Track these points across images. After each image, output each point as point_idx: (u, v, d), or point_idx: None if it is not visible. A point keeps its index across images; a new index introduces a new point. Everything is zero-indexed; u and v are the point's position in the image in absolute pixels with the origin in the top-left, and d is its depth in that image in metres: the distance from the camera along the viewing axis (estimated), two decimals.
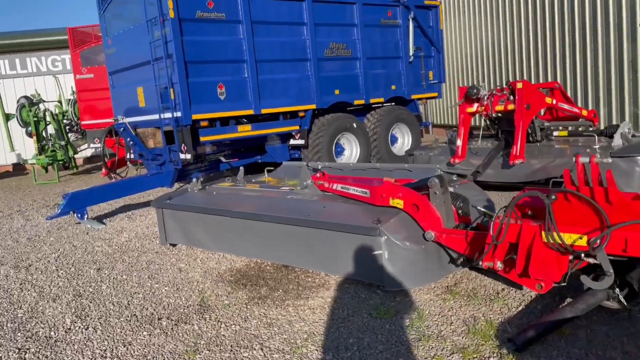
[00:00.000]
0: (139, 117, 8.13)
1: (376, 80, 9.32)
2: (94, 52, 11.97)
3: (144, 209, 7.95)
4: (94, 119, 12.14)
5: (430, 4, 9.95)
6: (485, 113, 6.66)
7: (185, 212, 5.37)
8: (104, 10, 8.44)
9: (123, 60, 8.25)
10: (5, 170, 16.67)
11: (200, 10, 7.16)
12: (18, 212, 8.76)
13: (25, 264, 5.47)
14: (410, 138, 9.82)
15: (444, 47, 10.59)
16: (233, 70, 7.64)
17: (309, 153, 8.46)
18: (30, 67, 17.02)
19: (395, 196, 3.92)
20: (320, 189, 4.90)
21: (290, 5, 8.17)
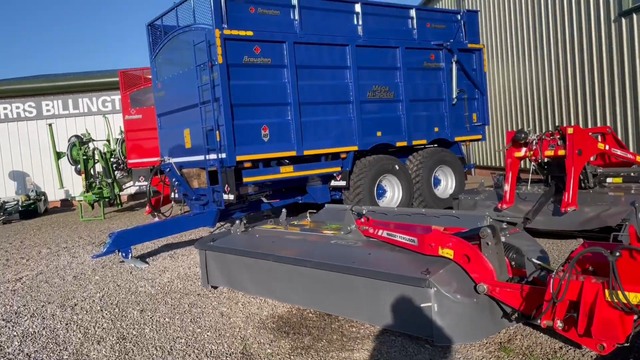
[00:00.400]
0: (184, 157, 8.30)
1: (419, 122, 9.28)
2: (142, 93, 12.43)
3: (185, 248, 8.01)
4: (140, 158, 12.49)
5: (474, 47, 9.94)
6: (534, 158, 6.48)
7: (227, 254, 5.36)
8: (156, 56, 8.78)
9: (171, 102, 8.51)
10: (54, 206, 17.25)
11: (247, 56, 7.36)
12: (65, 248, 8.98)
13: (71, 302, 5.54)
14: (453, 181, 9.66)
15: (487, 90, 10.49)
16: (277, 112, 7.75)
17: (350, 194, 8.41)
18: (81, 107, 17.80)
19: (445, 246, 3.80)
20: (364, 235, 4.82)
21: (334, 50, 8.30)
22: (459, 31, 9.81)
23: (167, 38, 8.41)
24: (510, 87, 14.17)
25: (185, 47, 7.91)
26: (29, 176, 17.51)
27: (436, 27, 9.53)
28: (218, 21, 7.12)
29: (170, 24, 8.32)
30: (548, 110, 12.44)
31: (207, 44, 7.18)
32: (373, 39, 8.65)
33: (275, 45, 7.66)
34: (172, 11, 8.14)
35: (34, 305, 5.56)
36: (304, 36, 7.91)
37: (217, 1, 7.11)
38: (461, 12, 10.02)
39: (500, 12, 14.45)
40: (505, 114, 14.57)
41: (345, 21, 8.49)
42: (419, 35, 9.24)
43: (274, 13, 7.74)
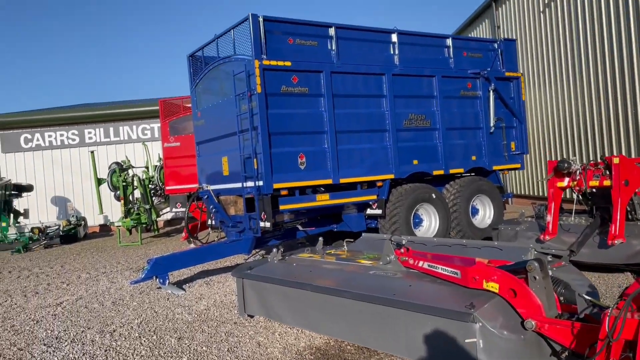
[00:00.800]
0: (222, 185, 8.41)
1: (456, 151, 9.18)
2: (181, 122, 12.74)
3: (221, 275, 8.04)
4: (178, 185, 12.73)
5: (512, 76, 9.84)
6: (578, 188, 6.30)
7: (264, 283, 5.34)
8: (196, 85, 9.01)
9: (210, 131, 8.67)
10: (93, 231, 17.67)
11: (285, 85, 7.46)
12: (103, 273, 9.13)
13: (109, 328, 5.60)
14: (492, 210, 9.46)
15: (526, 118, 10.33)
16: (313, 140, 7.79)
17: (386, 223, 8.32)
18: (122, 134, 18.35)
19: (490, 279, 3.69)
20: (404, 266, 4.73)
21: (370, 79, 8.34)
22: (496, 59, 9.75)
23: (207, 68, 8.62)
24: (550, 115, 13.93)
25: (225, 77, 8.09)
26: (70, 201, 18.04)
27: (473, 56, 9.50)
28: (257, 52, 7.27)
29: (211, 54, 8.54)
30: (589, 139, 12.14)
31: (246, 74, 7.33)
32: (409, 67, 8.67)
33: (313, 74, 7.76)
34: (212, 42, 8.36)
35: (74, 330, 5.63)
36: (340, 66, 7.99)
37: (256, 33, 7.27)
38: (498, 41, 9.97)
39: (538, 40, 14.33)
40: (545, 142, 14.29)
41: (382, 50, 8.55)
42: (455, 63, 9.22)
43: (312, 44, 7.86)
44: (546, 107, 14.10)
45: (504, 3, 16.22)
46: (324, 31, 7.98)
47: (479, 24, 18.47)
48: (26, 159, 18.02)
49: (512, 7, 15.66)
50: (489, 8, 17.29)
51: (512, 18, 15.66)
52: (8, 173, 17.40)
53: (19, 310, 6.83)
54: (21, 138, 18.02)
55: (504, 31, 16.23)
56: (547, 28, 13.79)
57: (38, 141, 18.08)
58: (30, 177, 17.55)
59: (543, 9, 13.87)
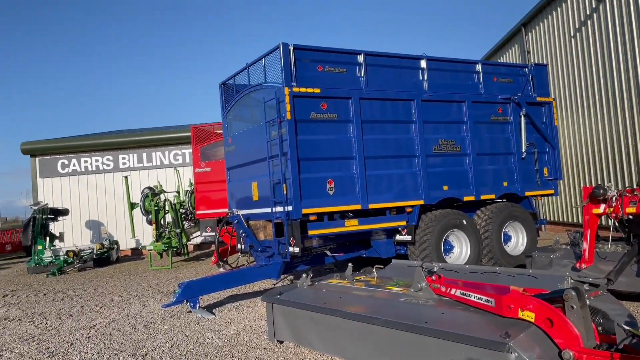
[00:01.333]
0: (251, 209, 8.49)
1: (486, 176, 9.08)
2: (212, 148, 12.99)
3: (250, 300, 8.06)
4: (208, 209, 12.90)
5: (543, 101, 9.75)
6: (615, 215, 6.14)
7: (294, 308, 5.33)
8: (227, 112, 9.20)
9: (241, 157, 8.81)
10: (125, 254, 17.97)
11: (314, 112, 7.56)
12: (135, 297, 9.25)
13: (142, 352, 5.65)
14: (525, 237, 9.27)
15: (559, 143, 10.17)
16: (342, 166, 7.83)
17: (416, 250, 8.24)
18: (155, 160, 18.79)
19: (526, 308, 3.61)
20: (436, 293, 4.66)
21: (399, 105, 8.38)
22: (527, 85, 9.69)
23: (238, 96, 8.81)
24: (584, 140, 13.69)
25: (255, 104, 8.25)
26: (103, 225, 18.44)
27: (503, 81, 9.46)
28: (288, 80, 7.41)
29: (242, 82, 8.74)
30: (624, 164, 11.86)
31: (276, 101, 7.47)
32: (438, 93, 8.68)
33: (342, 101, 7.84)
34: (244, 71, 8.56)
35: (107, 353, 5.71)
36: (369, 92, 8.06)
37: (287, 61, 7.42)
38: (528, 66, 9.92)
39: (569, 64, 14.19)
40: (579, 168, 14.02)
41: (411, 76, 8.60)
42: (485, 89, 9.20)
43: (341, 71, 7.97)
44: (580, 132, 13.87)
45: (533, 28, 16.17)
46: (352, 58, 8.09)
47: (508, 48, 18.42)
48: (62, 183, 18.57)
49: (542, 32, 15.59)
50: (518, 33, 17.25)
51: (543, 43, 15.58)
52: (45, 197, 17.95)
53: (53, 332, 6.96)
54: (58, 163, 18.60)
55: (534, 56, 16.14)
56: (578, 52, 13.65)
57: (74, 166, 18.64)
58: (66, 201, 18.05)
59: (574, 33, 13.77)
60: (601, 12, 12.38)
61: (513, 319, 3.69)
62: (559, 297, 3.50)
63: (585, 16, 13.11)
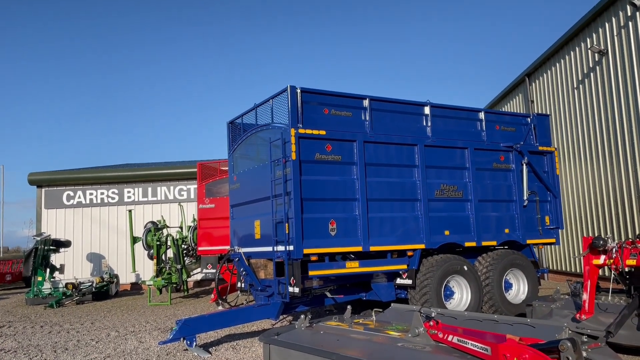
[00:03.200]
0: (253, 248, 8.52)
1: (488, 223, 9.11)
2: (216, 184, 13.11)
3: (247, 340, 7.98)
4: (210, 246, 12.92)
5: (545, 150, 9.88)
6: (615, 267, 6.13)
7: (291, 350, 5.29)
8: (234, 150, 9.36)
9: (245, 194, 8.90)
10: (124, 288, 17.87)
11: (319, 153, 7.70)
12: (132, 332, 9.18)
13: None
14: (526, 285, 9.22)
15: (561, 193, 10.23)
16: (345, 207, 7.90)
17: (416, 294, 8.19)
18: (159, 194, 18.92)
19: (521, 357, 3.60)
20: (433, 339, 4.65)
21: (403, 149, 8.51)
22: (529, 134, 9.84)
23: (245, 135, 8.98)
24: (586, 190, 13.74)
25: (261, 144, 8.40)
26: (104, 258, 18.41)
27: (506, 130, 9.63)
28: (294, 121, 7.57)
29: (249, 122, 8.93)
30: (627, 215, 11.87)
31: (282, 141, 7.61)
32: (442, 139, 8.83)
33: (346, 143, 7.98)
34: (252, 111, 8.76)
35: None
36: (374, 136, 8.22)
37: (294, 103, 7.61)
38: (531, 116, 10.10)
39: (572, 115, 14.40)
40: (581, 217, 14.02)
41: (415, 122, 8.77)
42: (488, 136, 9.35)
43: (346, 114, 8.14)
44: (581, 182, 13.94)
45: (537, 78, 16.49)
46: (358, 102, 8.28)
47: (512, 97, 18.72)
48: (67, 215, 18.66)
49: (545, 82, 15.89)
50: (522, 83, 17.57)
51: (546, 93, 15.85)
52: (48, 228, 18.00)
53: None
54: (64, 195, 18.75)
55: (538, 105, 16.39)
56: (581, 103, 13.88)
57: (79, 198, 18.77)
58: (69, 233, 18.09)
59: (577, 84, 14.04)
60: (604, 64, 12.66)
61: None
62: (555, 347, 3.51)
63: (589, 68, 13.40)
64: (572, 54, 14.20)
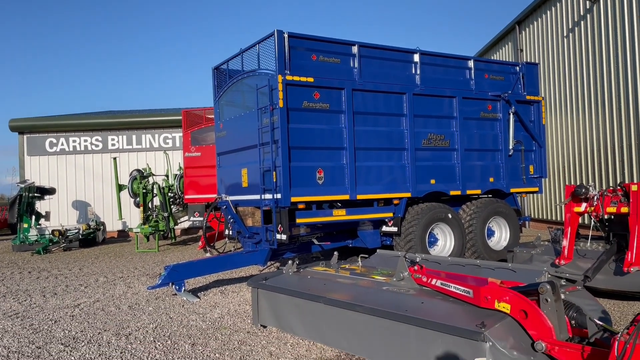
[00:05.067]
0: (241, 196, 8.54)
1: (473, 172, 9.21)
2: (202, 132, 12.98)
3: (235, 285, 8.13)
4: (196, 194, 12.93)
5: (532, 99, 9.87)
6: (595, 214, 6.29)
7: (279, 294, 5.42)
8: (219, 97, 9.21)
9: (232, 143, 8.84)
10: (111, 236, 17.95)
11: (307, 101, 7.61)
12: (120, 278, 9.29)
13: (125, 332, 5.72)
14: (508, 233, 9.44)
15: (546, 142, 10.31)
16: (332, 156, 7.90)
17: (401, 241, 8.36)
18: (144, 142, 18.70)
19: (502, 299, 3.72)
20: (417, 283, 4.77)
21: (391, 98, 8.45)
22: (517, 83, 9.80)
23: (231, 81, 8.82)
24: (570, 140, 13.87)
25: (248, 91, 8.28)
26: (90, 206, 18.38)
27: (494, 78, 9.57)
28: (281, 67, 7.43)
29: (235, 68, 8.74)
30: (609, 165, 12.05)
31: (269, 88, 7.50)
32: (430, 88, 8.76)
33: (334, 91, 7.89)
34: (238, 56, 8.56)
35: (91, 332, 5.76)
36: (362, 83, 8.12)
37: (281, 48, 7.45)
38: (520, 64, 10.02)
39: (560, 64, 14.33)
40: (564, 167, 14.21)
41: (404, 70, 8.67)
42: (476, 85, 9.29)
43: (335, 61, 8.00)
44: (567, 131, 14.04)
45: (527, 26, 16.27)
46: (347, 49, 8.13)
47: (502, 46, 18.52)
48: (50, 162, 18.45)
49: (535, 31, 15.70)
50: (512, 31, 17.35)
51: (535, 41, 15.69)
52: (32, 175, 17.83)
53: (37, 309, 7.00)
54: (46, 142, 18.47)
55: (527, 54, 16.26)
56: (570, 52, 13.78)
57: (62, 146, 18.51)
58: (53, 181, 17.94)
59: (566, 33, 13.89)
60: (594, 13, 12.51)
61: (490, 310, 3.81)
62: (535, 290, 3.62)
63: (579, 16, 13.24)
64: (563, 1, 13.97)
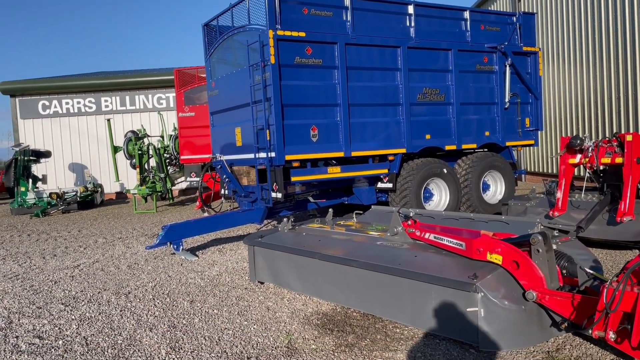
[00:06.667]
0: (235, 155, 8.51)
1: (469, 126, 9.14)
2: (196, 92, 12.80)
3: (233, 243, 8.21)
4: (192, 154, 12.87)
5: (529, 50, 9.70)
6: (590, 165, 6.29)
7: (275, 251, 5.47)
8: (210, 55, 9.03)
9: (224, 101, 8.73)
10: (109, 198, 18.00)
11: (299, 57, 7.46)
12: (119, 239, 9.37)
13: (125, 290, 5.80)
14: (503, 186, 9.47)
15: (542, 94, 10.20)
16: (326, 113, 7.82)
17: (397, 197, 8.39)
18: (138, 103, 18.49)
19: (494, 251, 3.76)
20: (410, 237, 4.81)
21: (385, 52, 8.28)
22: (514, 34, 9.60)
23: (222, 38, 8.63)
24: (566, 92, 13.74)
25: (239, 47, 8.11)
26: (87, 168, 18.35)
27: (490, 30, 9.36)
28: (272, 22, 7.26)
29: (226, 24, 8.53)
30: (605, 116, 11.99)
31: (260, 44, 7.34)
32: (425, 40, 8.58)
33: (327, 46, 7.73)
34: (227, 12, 8.34)
35: (91, 291, 5.85)
36: (355, 37, 7.95)
37: (271, 2, 7.25)
38: (517, 15, 9.80)
39: (558, 15, 14.03)
40: (559, 119, 14.14)
41: (397, 23, 8.47)
42: (472, 37, 9.11)
43: (327, 14, 7.81)
44: (563, 83, 13.89)
45: None
46: (339, 1, 7.91)
47: None
48: (44, 125, 18.29)
49: None
50: None
51: None
52: (26, 139, 17.72)
53: (37, 271, 7.08)
54: (39, 105, 18.25)
55: (525, 4, 15.90)
56: (567, 3, 13.47)
57: (55, 108, 18.31)
58: (48, 144, 17.84)
59: None
60: None
61: (482, 262, 3.86)
62: (526, 241, 3.66)
63: None
64: None
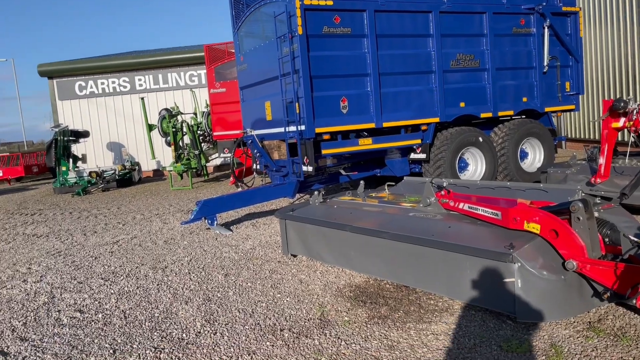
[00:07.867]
0: (265, 129, 8.47)
1: (505, 92, 8.81)
2: (226, 67, 12.78)
3: (266, 218, 8.25)
4: (224, 130, 12.93)
5: (569, 10, 9.22)
6: (635, 129, 5.97)
7: (306, 224, 5.45)
8: (238, 29, 8.95)
9: (253, 75, 8.67)
10: (147, 175, 18.36)
11: (327, 26, 7.30)
12: (156, 215, 9.55)
13: (162, 265, 5.91)
14: (542, 154, 9.15)
15: (583, 56, 9.73)
16: (356, 84, 7.65)
17: (430, 168, 8.21)
18: (170, 81, 18.66)
19: (531, 220, 3.62)
20: (444, 208, 4.70)
21: (416, 17, 8.01)
22: None
23: (249, 11, 8.52)
24: (608, 53, 13.09)
25: (266, 19, 7.99)
26: (124, 147, 18.74)
27: None
28: None
29: None
30: None
31: (287, 15, 7.20)
32: (458, 4, 8.25)
33: (355, 14, 7.52)
34: None
35: (129, 266, 5.99)
36: (385, 3, 7.70)
37: None
38: None
39: None
40: (601, 82, 13.51)
41: None
42: None
43: None
44: (605, 44, 13.23)
45: None
46: None
47: None
48: (82, 105, 18.70)
49: None
50: None
51: None
52: (65, 119, 18.16)
53: (79, 247, 7.30)
54: (76, 85, 18.63)
55: None
56: None
57: (92, 88, 18.66)
58: (86, 124, 18.26)
59: None
60: None
61: (519, 231, 3.73)
62: (566, 209, 3.50)
63: None
64: None
